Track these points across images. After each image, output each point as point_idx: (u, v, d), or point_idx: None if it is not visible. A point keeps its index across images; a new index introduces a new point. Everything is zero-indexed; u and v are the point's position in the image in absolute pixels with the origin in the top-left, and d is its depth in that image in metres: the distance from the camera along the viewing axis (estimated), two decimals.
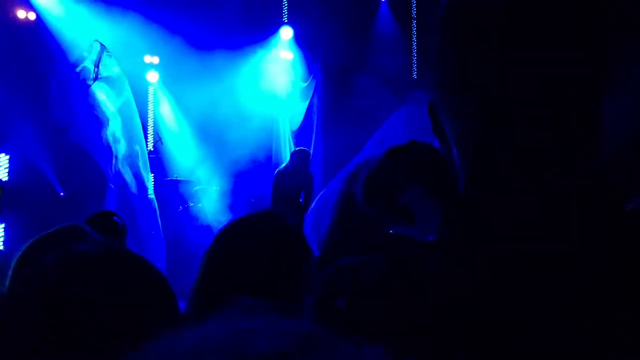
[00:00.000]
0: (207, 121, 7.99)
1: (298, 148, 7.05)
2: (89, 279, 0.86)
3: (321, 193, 7.27)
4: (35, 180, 6.99)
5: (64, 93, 6.56)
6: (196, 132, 8.28)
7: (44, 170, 7.13)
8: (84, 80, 6.61)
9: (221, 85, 7.86)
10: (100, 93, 6.66)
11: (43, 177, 7.12)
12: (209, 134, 8.06)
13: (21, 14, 6.72)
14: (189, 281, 2.00)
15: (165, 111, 8.42)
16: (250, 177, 8.52)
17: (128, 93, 6.78)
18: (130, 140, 6.79)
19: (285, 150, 8.52)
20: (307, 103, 8.89)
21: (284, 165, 6.89)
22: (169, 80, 8.25)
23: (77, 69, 6.50)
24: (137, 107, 7.16)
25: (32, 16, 6.77)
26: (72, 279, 0.86)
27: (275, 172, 6.84)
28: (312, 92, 8.87)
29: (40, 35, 6.70)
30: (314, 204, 7.25)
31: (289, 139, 8.77)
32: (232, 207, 7.95)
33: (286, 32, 8.60)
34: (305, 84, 8.88)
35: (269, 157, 8.63)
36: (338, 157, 7.81)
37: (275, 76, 8.66)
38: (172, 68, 8.06)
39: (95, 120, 6.69)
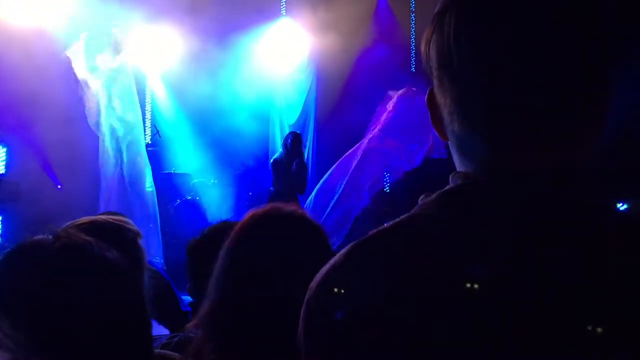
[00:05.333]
0: (204, 114, 7.98)
1: (291, 132, 7.09)
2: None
3: (317, 187, 7.28)
4: (32, 173, 6.98)
5: (62, 84, 6.53)
6: (194, 125, 8.27)
7: (42, 162, 7.12)
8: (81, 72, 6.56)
9: (218, 77, 7.83)
10: (101, 84, 6.62)
11: (40, 169, 7.11)
12: (207, 127, 8.05)
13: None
14: (185, 274, 2.01)
15: (162, 104, 8.40)
16: (248, 169, 8.52)
17: (129, 86, 6.74)
18: (129, 133, 6.77)
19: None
20: (304, 96, 8.87)
21: (278, 153, 6.91)
22: (166, 72, 8.23)
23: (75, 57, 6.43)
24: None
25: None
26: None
27: (271, 160, 6.89)
28: (309, 84, 8.85)
29: (36, 25, 6.67)
30: (311, 197, 7.26)
31: (287, 131, 8.75)
32: (229, 200, 7.95)
33: (284, 24, 8.57)
34: (303, 77, 8.85)
35: (266, 150, 8.62)
36: (335, 149, 7.81)
37: (273, 68, 8.63)
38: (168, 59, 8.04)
39: (94, 113, 6.66)
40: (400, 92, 7.10)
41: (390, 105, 7.10)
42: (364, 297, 0.65)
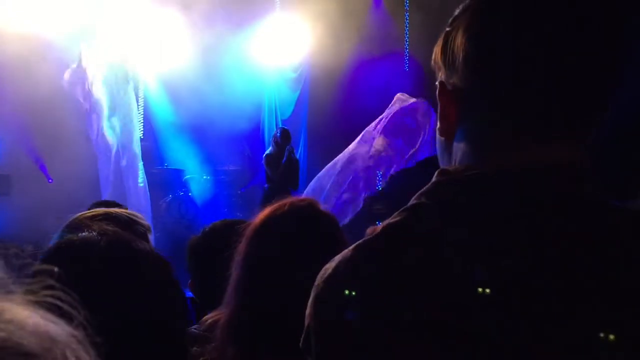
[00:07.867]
0: (196, 109, 7.94)
1: (279, 128, 7.23)
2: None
3: (309, 186, 7.29)
4: (24, 167, 6.95)
5: (56, 79, 6.49)
6: (186, 121, 8.23)
7: (33, 157, 7.08)
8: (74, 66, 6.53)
9: (211, 72, 7.80)
10: (96, 80, 6.58)
11: (32, 164, 7.07)
12: (199, 123, 8.01)
13: None
14: (178, 269, 2.02)
15: (155, 99, 8.36)
16: (241, 165, 8.50)
17: (125, 82, 6.71)
18: (123, 128, 6.74)
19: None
20: (297, 94, 8.85)
21: (269, 149, 7.03)
22: (158, 67, 8.18)
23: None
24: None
25: None
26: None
27: (264, 156, 7.02)
28: (302, 82, 8.83)
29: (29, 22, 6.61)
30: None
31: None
32: (221, 197, 7.95)
33: (278, 20, 8.54)
34: (295, 75, 8.83)
35: (259, 146, 8.61)
36: (328, 146, 7.81)
37: (266, 64, 8.60)
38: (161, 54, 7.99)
39: (88, 109, 6.63)
40: (397, 98, 7.14)
41: (390, 109, 7.14)
42: (373, 297, 0.65)
